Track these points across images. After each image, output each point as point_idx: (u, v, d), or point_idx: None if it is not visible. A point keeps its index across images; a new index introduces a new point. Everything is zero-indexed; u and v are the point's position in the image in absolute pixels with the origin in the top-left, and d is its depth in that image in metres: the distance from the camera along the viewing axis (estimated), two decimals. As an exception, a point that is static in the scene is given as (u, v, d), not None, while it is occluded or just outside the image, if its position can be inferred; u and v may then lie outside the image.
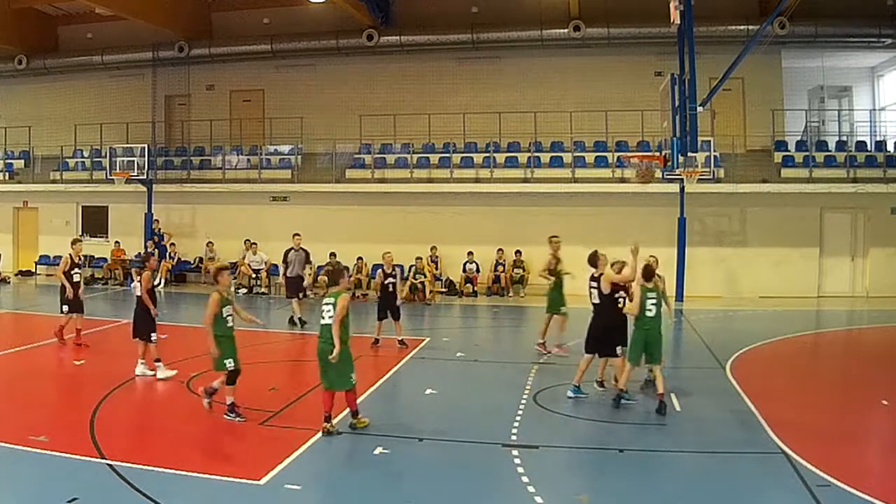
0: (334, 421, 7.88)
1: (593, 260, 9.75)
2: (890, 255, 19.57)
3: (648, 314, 8.93)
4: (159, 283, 21.41)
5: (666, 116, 14.60)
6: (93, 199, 24.03)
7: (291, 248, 16.06)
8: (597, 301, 9.49)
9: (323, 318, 7.91)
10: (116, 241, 23.08)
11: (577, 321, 11.16)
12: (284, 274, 16.07)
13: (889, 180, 19.24)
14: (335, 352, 7.69)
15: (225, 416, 8.28)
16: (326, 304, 7.94)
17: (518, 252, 20.54)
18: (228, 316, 8.56)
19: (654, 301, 9.00)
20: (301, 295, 15.73)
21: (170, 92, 24.47)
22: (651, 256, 9.98)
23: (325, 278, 8.47)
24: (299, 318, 15.36)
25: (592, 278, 9.65)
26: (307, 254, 16.34)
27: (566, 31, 21.21)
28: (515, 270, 20.49)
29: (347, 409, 8.13)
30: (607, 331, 9.35)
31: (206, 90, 24.40)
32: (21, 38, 24.11)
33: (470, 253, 20.68)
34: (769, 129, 20.71)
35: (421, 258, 19.92)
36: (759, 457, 7.28)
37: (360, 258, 20.45)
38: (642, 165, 15.62)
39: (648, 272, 9.14)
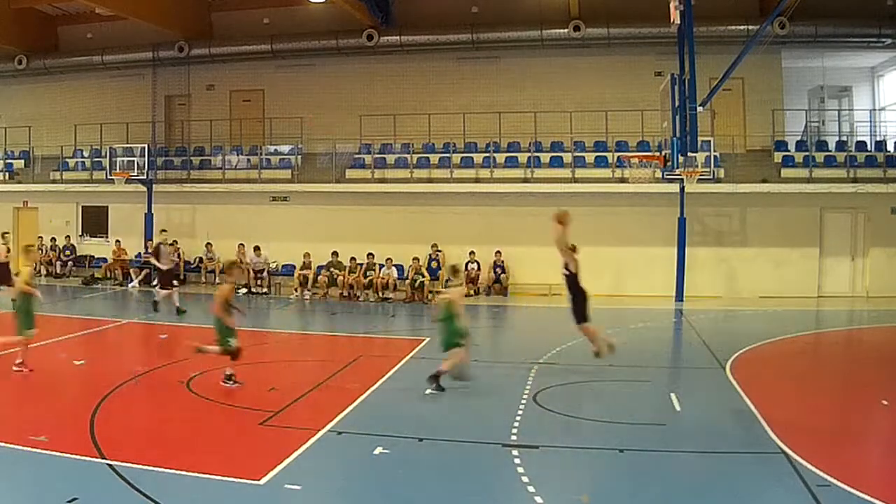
0: (336, 421, 7.86)
1: None
2: (890, 255, 19.57)
3: None
4: (157, 284, 21.45)
5: (666, 116, 14.61)
6: (93, 199, 24.03)
7: (161, 243, 17.20)
8: None
9: None
10: (117, 241, 23.09)
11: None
12: (158, 268, 17.11)
13: (889, 180, 19.25)
14: None
15: None
16: None
17: (498, 252, 20.49)
18: None
19: None
20: (175, 284, 16.99)
21: (170, 92, 24.48)
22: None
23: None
24: (177, 308, 16.15)
25: None
26: (175, 249, 17.84)
27: (566, 31, 21.21)
28: (496, 270, 20.48)
29: (347, 411, 8.09)
30: None
31: (206, 90, 24.40)
32: (21, 38, 24.11)
33: (472, 252, 20.66)
34: (769, 129, 20.72)
35: (418, 258, 19.89)
36: (759, 457, 7.28)
37: (370, 254, 20.26)
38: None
39: None
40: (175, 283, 17.07)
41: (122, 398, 9.20)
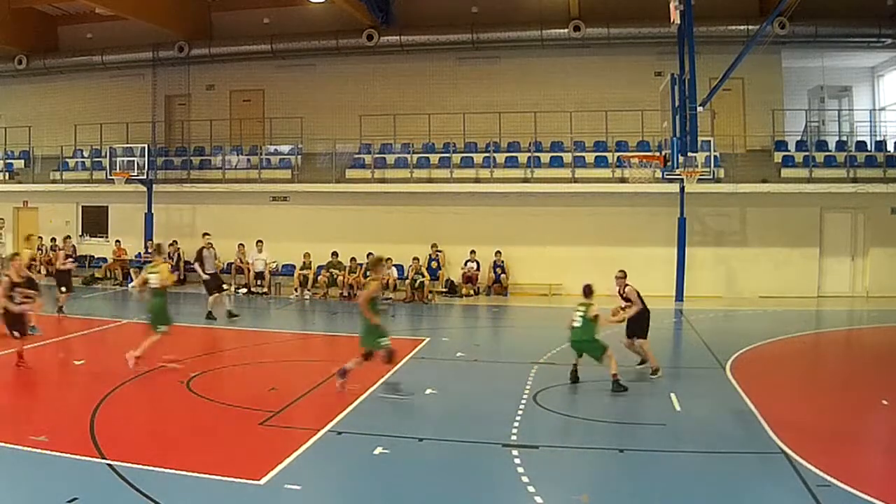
0: (336, 421, 7.85)
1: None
2: (890, 255, 19.57)
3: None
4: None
5: (666, 116, 14.61)
6: (93, 199, 24.04)
7: (203, 248, 16.46)
8: None
9: None
10: (117, 241, 23.10)
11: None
12: (203, 272, 16.27)
13: (889, 180, 19.25)
14: None
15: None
16: None
17: (498, 252, 20.54)
18: None
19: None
20: (223, 288, 16.31)
21: (170, 92, 24.47)
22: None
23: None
24: (228, 311, 15.64)
25: None
26: (215, 252, 16.95)
27: (566, 31, 21.20)
28: (496, 270, 20.52)
29: (347, 411, 8.07)
30: None
31: (206, 90, 24.39)
32: (21, 38, 24.10)
33: (472, 252, 20.66)
34: (769, 129, 20.73)
35: (418, 258, 19.89)
36: (759, 457, 7.28)
37: (369, 253, 20.21)
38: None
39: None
40: (223, 287, 16.56)
41: (122, 398, 9.21)
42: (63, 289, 15.62)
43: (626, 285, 11.03)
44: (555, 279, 19.90)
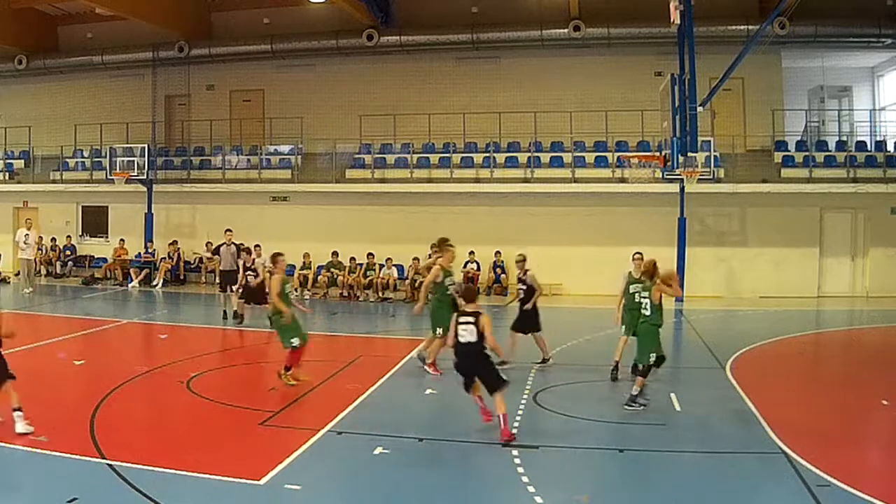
0: (336, 421, 7.85)
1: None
2: (890, 255, 19.58)
3: None
4: (157, 284, 21.46)
5: (666, 116, 14.63)
6: (93, 199, 24.05)
7: (223, 244, 16.22)
8: None
9: None
10: (121, 240, 23.07)
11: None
12: (220, 268, 16.19)
13: (889, 180, 19.26)
14: None
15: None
16: None
17: (498, 252, 20.60)
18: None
19: None
20: (234, 287, 15.29)
21: (170, 92, 24.46)
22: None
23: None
24: (234, 311, 15.14)
25: None
26: (238, 249, 15.98)
27: (566, 31, 21.20)
28: (496, 270, 20.58)
29: (347, 411, 8.08)
30: None
31: (206, 90, 24.40)
32: (21, 38, 24.10)
33: (472, 252, 20.66)
34: (769, 129, 20.72)
35: (418, 258, 19.86)
36: (759, 457, 7.27)
37: (370, 254, 20.30)
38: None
39: None
40: (233, 287, 15.08)
41: (122, 398, 9.20)
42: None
43: (527, 270, 11.20)
44: (555, 279, 19.85)
